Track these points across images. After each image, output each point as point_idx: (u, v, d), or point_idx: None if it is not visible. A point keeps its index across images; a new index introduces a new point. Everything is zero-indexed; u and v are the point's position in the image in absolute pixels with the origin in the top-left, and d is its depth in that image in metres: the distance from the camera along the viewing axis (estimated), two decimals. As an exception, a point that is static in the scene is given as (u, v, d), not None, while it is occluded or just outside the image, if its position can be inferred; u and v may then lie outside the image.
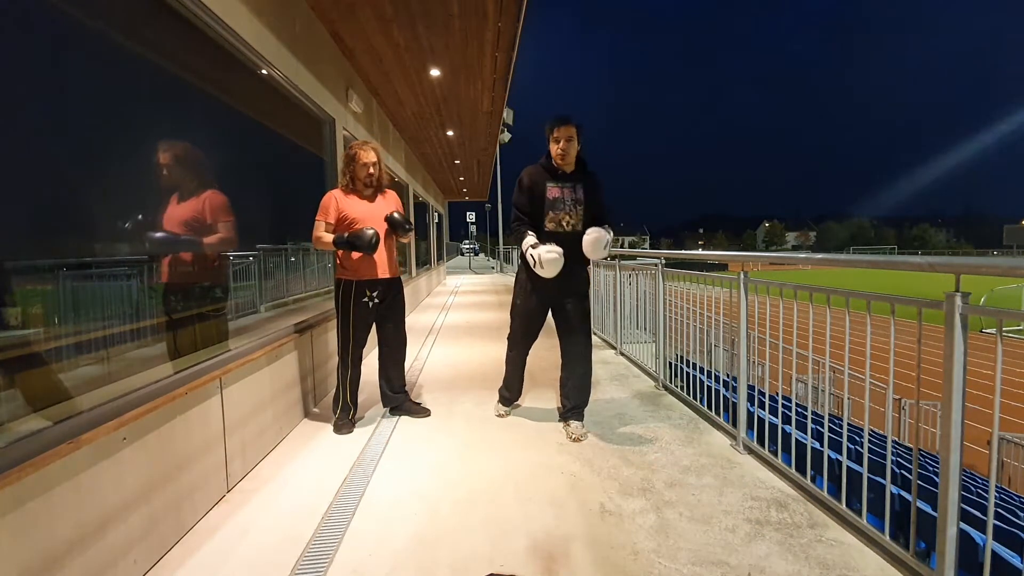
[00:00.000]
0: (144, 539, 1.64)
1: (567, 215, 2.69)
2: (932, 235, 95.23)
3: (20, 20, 1.52)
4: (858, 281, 33.84)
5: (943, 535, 1.45)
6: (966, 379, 1.41)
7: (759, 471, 2.34)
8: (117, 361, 1.87)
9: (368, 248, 2.74)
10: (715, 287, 2.99)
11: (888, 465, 1.76)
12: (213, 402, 2.10)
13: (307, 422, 3.05)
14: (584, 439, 2.71)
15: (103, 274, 1.92)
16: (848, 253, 49.24)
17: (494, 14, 3.89)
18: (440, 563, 1.69)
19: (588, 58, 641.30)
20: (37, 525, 1.26)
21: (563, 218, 2.70)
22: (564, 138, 2.63)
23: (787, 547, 1.75)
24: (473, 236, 36.58)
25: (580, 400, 2.85)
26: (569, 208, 2.69)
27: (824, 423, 3.88)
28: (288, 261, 4.02)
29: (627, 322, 4.68)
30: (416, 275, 9.29)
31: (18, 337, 1.49)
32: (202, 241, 2.26)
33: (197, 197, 2.22)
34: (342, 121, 4.41)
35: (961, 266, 1.46)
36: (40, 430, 1.33)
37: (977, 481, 4.43)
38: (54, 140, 1.66)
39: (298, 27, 3.41)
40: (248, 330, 2.76)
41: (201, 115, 2.61)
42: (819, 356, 4.20)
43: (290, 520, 1.96)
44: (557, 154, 2.66)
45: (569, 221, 2.70)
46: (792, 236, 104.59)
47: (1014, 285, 23.31)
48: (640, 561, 1.68)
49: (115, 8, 1.95)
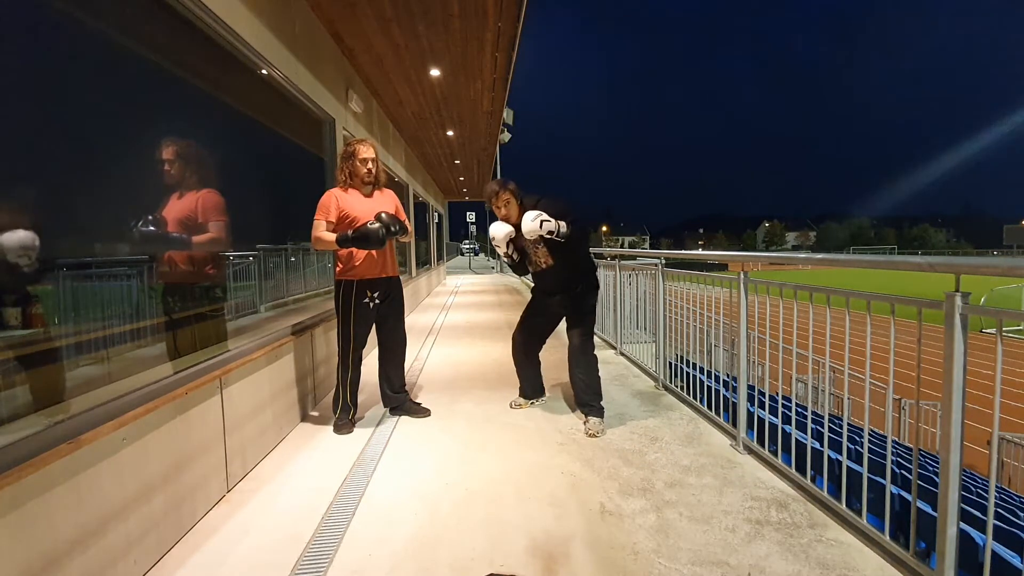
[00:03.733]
0: (144, 539, 1.64)
1: (536, 256, 2.96)
2: (932, 235, 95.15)
3: (20, 20, 1.52)
4: (858, 281, 33.84)
5: (943, 535, 1.45)
6: (966, 379, 1.41)
7: (759, 471, 2.34)
8: (117, 361, 1.87)
9: (379, 243, 2.71)
10: (715, 287, 2.99)
11: (888, 465, 1.76)
12: (213, 402, 2.10)
13: (307, 422, 3.05)
14: (600, 435, 2.76)
15: (103, 274, 1.92)
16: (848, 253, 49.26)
17: (494, 14, 3.89)
18: (440, 563, 1.69)
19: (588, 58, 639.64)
20: (37, 525, 1.26)
21: (536, 260, 2.97)
22: (502, 205, 2.88)
23: (787, 547, 1.75)
24: (473, 236, 36.56)
25: (585, 397, 2.93)
26: (533, 250, 2.95)
27: (824, 423, 3.88)
28: (288, 261, 4.02)
29: (627, 322, 4.68)
30: (416, 275, 9.29)
31: (18, 337, 1.49)
32: (191, 240, 2.24)
33: (193, 195, 2.22)
34: (342, 121, 4.41)
35: (961, 266, 1.46)
36: (40, 430, 1.33)
37: (977, 481, 4.43)
38: (54, 140, 1.66)
39: (298, 27, 3.41)
40: (248, 330, 2.76)
41: (201, 115, 2.61)
42: (819, 356, 4.20)
43: (290, 520, 1.96)
44: (503, 217, 2.91)
45: (540, 260, 2.95)
46: (792, 236, 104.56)
47: (1014, 285, 23.30)
48: (640, 561, 1.68)
49: (115, 8, 1.95)
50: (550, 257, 2.90)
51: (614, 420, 3.00)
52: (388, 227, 2.73)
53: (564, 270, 2.90)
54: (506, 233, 2.87)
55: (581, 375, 2.94)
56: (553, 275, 2.93)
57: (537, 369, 3.28)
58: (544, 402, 3.31)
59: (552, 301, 3.02)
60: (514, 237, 2.91)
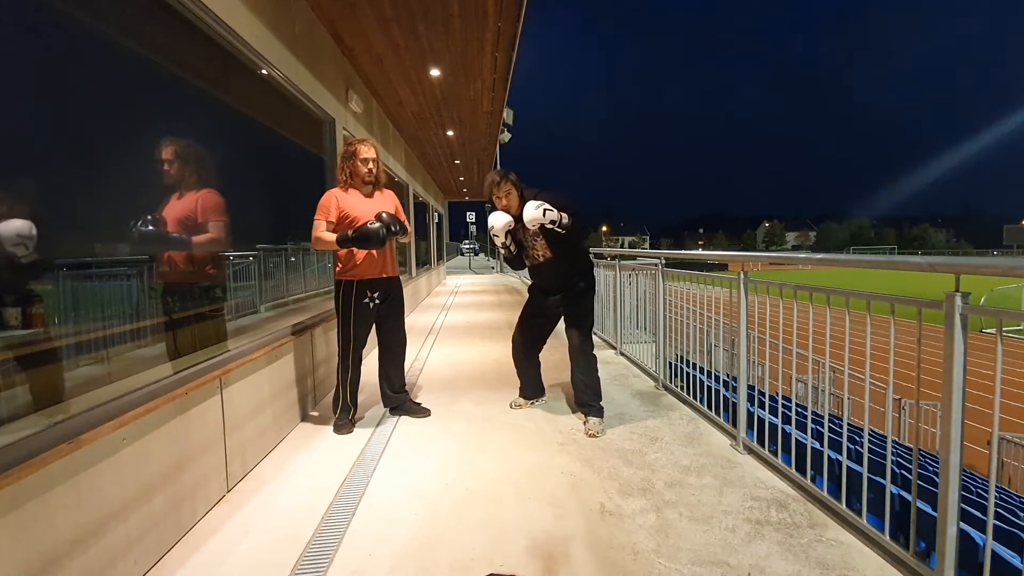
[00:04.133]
0: (144, 539, 1.64)
1: (533, 249, 2.95)
2: (932, 235, 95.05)
3: (20, 19, 1.52)
4: (858, 281, 33.83)
5: (943, 535, 1.45)
6: (966, 379, 1.41)
7: (759, 471, 2.33)
8: (117, 361, 1.87)
9: (379, 243, 2.71)
10: (715, 287, 2.99)
11: (888, 465, 1.76)
12: (213, 402, 2.10)
13: (307, 422, 3.05)
14: (600, 435, 2.76)
15: (103, 274, 1.92)
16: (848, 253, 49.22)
17: (494, 14, 3.89)
18: (440, 563, 1.69)
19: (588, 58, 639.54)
20: (37, 525, 1.26)
21: (534, 254, 2.96)
22: (503, 196, 2.87)
23: (787, 547, 1.75)
24: (473, 236, 36.55)
25: (585, 397, 2.93)
26: (531, 243, 2.94)
27: (824, 423, 3.88)
28: (288, 261, 4.02)
29: (627, 322, 4.68)
30: (416, 275, 9.29)
31: (19, 337, 1.49)
32: (191, 240, 2.24)
33: (193, 195, 2.22)
34: (342, 121, 4.42)
35: (961, 266, 1.46)
36: (40, 430, 1.33)
37: (977, 481, 4.43)
38: (53, 139, 1.66)
39: (298, 27, 3.41)
40: (248, 330, 2.76)
41: (201, 115, 2.61)
42: (819, 356, 4.20)
43: (290, 520, 1.96)
44: (503, 208, 2.91)
45: (537, 254, 2.94)
46: (792, 236, 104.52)
47: (1014, 285, 23.29)
48: (640, 561, 1.68)
49: (115, 8, 1.95)
50: (548, 250, 2.89)
51: (614, 420, 3.00)
52: (388, 227, 2.73)
53: (562, 264, 2.90)
54: (506, 222, 2.86)
55: (580, 375, 2.95)
56: (551, 269, 2.93)
57: (537, 369, 3.28)
58: (544, 402, 3.31)
59: (551, 301, 3.02)
60: (513, 229, 2.91)
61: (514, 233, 2.95)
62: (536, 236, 2.89)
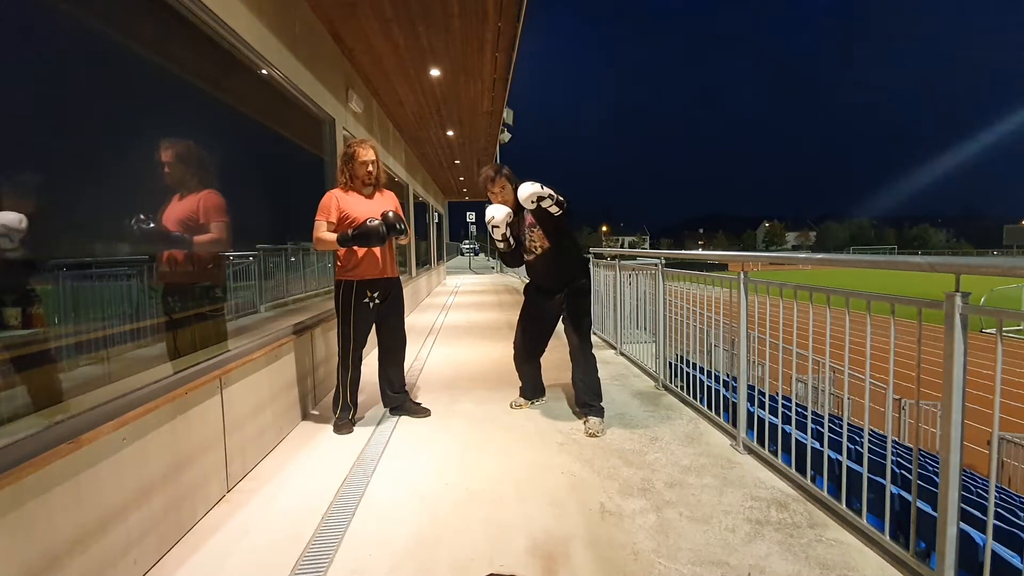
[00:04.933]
0: (144, 539, 1.64)
1: (531, 241, 2.97)
2: (932, 235, 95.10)
3: (20, 19, 1.52)
4: (858, 281, 33.83)
5: (943, 535, 1.45)
6: (966, 379, 1.41)
7: (759, 471, 2.33)
8: (117, 361, 1.87)
9: (379, 240, 2.73)
10: (715, 287, 2.99)
11: (888, 465, 1.76)
12: (213, 402, 2.10)
13: (307, 422, 3.05)
14: (600, 435, 2.76)
15: (103, 274, 1.92)
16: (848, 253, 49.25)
17: (494, 14, 3.89)
18: (440, 563, 1.69)
19: (588, 57, 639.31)
20: (37, 525, 1.26)
21: (531, 245, 2.98)
22: (498, 190, 2.91)
23: (787, 547, 1.75)
24: (473, 236, 36.54)
25: (585, 397, 2.94)
26: (528, 234, 2.96)
27: (824, 423, 3.88)
28: (288, 261, 4.02)
29: (627, 322, 4.68)
30: (416, 275, 9.29)
31: (18, 337, 1.49)
32: (193, 240, 2.24)
33: (194, 196, 2.22)
34: (342, 121, 4.41)
35: (961, 266, 1.46)
36: (40, 430, 1.33)
37: (977, 481, 4.43)
38: (53, 139, 1.66)
39: (298, 27, 3.41)
40: (248, 330, 2.76)
41: (201, 115, 2.61)
42: (819, 356, 4.20)
43: (290, 520, 1.96)
44: (500, 202, 2.92)
45: (535, 245, 2.96)
46: (792, 236, 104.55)
47: (1014, 285, 23.29)
48: (640, 561, 1.68)
49: (115, 8, 1.95)
50: (546, 239, 2.92)
51: (614, 420, 3.00)
52: (393, 225, 2.76)
53: (559, 254, 2.92)
54: (506, 214, 2.86)
55: (580, 375, 2.95)
56: (549, 260, 2.94)
57: (537, 370, 3.29)
58: (544, 402, 3.31)
59: (550, 302, 3.02)
60: (511, 222, 2.92)
61: (512, 226, 2.97)
62: (533, 227, 2.91)
